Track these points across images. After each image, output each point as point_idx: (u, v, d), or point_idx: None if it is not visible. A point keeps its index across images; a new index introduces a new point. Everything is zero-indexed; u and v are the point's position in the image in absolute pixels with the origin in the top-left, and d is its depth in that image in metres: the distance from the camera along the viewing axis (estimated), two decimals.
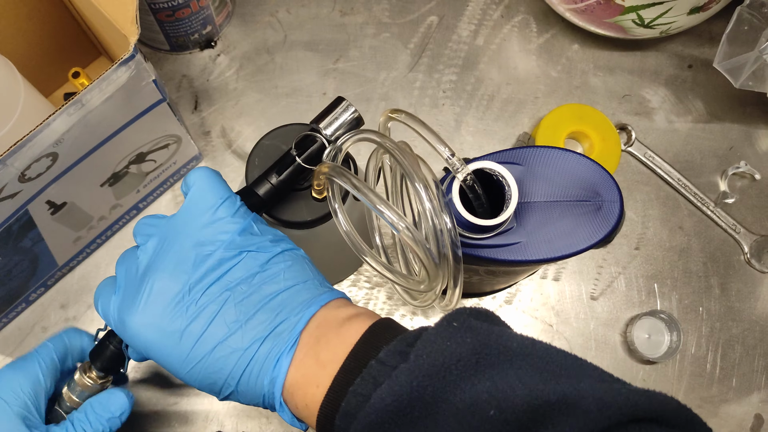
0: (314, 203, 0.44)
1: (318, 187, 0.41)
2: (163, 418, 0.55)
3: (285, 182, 0.41)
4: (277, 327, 0.34)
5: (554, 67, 0.66)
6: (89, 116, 0.42)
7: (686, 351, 0.59)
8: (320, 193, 0.42)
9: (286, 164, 0.41)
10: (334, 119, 0.41)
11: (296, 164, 0.41)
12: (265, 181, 0.41)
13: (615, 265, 0.61)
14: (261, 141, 0.45)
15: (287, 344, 0.34)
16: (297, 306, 0.35)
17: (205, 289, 0.34)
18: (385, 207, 0.34)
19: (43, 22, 0.55)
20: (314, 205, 0.44)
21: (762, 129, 0.65)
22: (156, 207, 0.60)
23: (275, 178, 0.41)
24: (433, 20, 0.67)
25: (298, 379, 0.33)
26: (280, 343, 0.34)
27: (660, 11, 0.57)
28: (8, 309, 0.55)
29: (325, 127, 0.41)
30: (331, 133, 0.41)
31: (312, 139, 0.41)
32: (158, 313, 0.34)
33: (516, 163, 0.44)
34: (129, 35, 0.41)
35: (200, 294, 0.34)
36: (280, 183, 0.41)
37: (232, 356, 0.33)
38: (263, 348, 0.34)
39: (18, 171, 0.41)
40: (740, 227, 0.61)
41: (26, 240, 0.48)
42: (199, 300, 0.34)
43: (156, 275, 0.35)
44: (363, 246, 0.38)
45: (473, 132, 0.64)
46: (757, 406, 0.58)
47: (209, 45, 0.65)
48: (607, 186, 0.43)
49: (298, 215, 0.44)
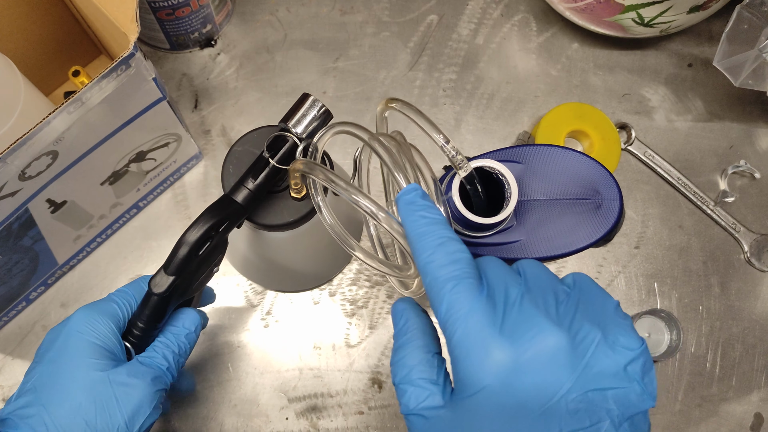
0: (294, 203, 0.43)
1: (296, 186, 0.41)
2: (164, 418, 0.55)
3: (262, 186, 0.41)
4: None
5: (554, 65, 0.66)
6: (89, 114, 0.42)
7: (686, 350, 0.59)
8: (299, 192, 0.42)
9: (261, 167, 0.41)
10: (303, 116, 0.41)
11: (271, 166, 0.41)
12: (242, 187, 0.40)
13: (615, 263, 0.61)
14: (233, 148, 0.45)
15: None
16: None
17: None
18: (361, 197, 0.33)
19: (43, 21, 0.55)
20: (294, 205, 0.43)
21: (762, 128, 0.65)
22: (156, 206, 0.60)
23: (252, 183, 0.40)
24: (433, 19, 0.67)
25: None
26: None
27: (660, 10, 0.57)
28: (9, 307, 0.55)
29: (294, 126, 0.41)
30: (301, 131, 0.41)
31: (283, 139, 0.41)
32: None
33: (516, 161, 0.44)
34: (129, 34, 0.41)
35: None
36: (257, 187, 0.41)
37: None
38: None
39: (18, 169, 0.41)
40: (740, 226, 0.61)
41: (26, 238, 0.49)
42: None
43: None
44: (349, 239, 0.38)
45: (473, 131, 0.64)
46: (757, 405, 0.58)
47: (209, 44, 0.65)
48: (606, 184, 0.43)
49: (279, 218, 0.43)
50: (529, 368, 0.27)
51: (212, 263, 0.42)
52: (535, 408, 0.27)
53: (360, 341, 0.57)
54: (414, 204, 0.32)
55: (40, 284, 0.56)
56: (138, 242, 0.59)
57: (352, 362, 0.57)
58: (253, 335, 0.57)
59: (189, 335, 0.42)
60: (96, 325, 0.39)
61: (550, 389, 0.27)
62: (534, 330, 0.28)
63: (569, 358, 0.28)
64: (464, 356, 0.28)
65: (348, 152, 0.62)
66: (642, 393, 0.28)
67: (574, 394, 0.27)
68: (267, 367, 0.57)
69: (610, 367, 0.28)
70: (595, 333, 0.28)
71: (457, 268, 0.30)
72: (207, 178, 0.61)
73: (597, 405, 0.27)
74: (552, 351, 0.28)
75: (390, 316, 0.58)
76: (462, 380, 0.29)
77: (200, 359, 0.57)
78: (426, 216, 0.32)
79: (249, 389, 0.56)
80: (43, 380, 0.38)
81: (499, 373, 0.28)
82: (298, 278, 0.58)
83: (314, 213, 0.44)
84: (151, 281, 0.39)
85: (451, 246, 0.30)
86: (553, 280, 0.31)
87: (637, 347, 0.28)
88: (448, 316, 0.29)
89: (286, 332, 0.58)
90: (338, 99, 0.64)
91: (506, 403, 0.28)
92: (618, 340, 0.28)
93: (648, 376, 0.29)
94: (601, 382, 0.28)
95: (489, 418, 0.28)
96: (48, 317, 0.57)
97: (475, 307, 0.29)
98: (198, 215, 0.39)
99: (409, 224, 0.32)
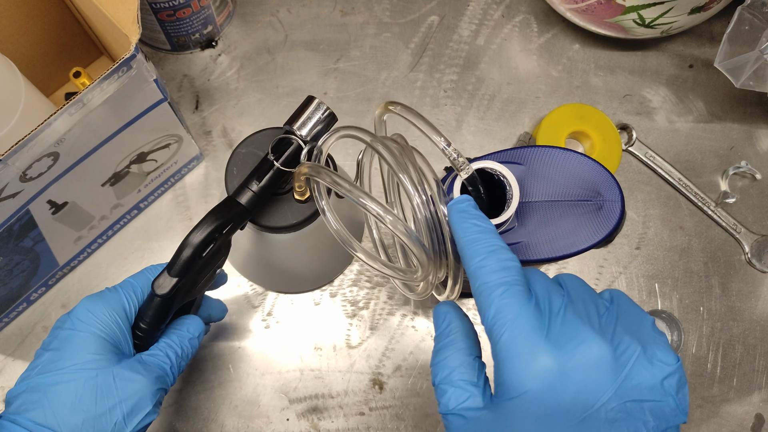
0: (297, 205, 0.43)
1: (299, 188, 0.41)
2: (164, 418, 0.55)
3: (266, 188, 0.41)
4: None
5: (555, 66, 0.66)
6: (90, 116, 0.42)
7: (687, 351, 0.59)
8: (302, 194, 0.42)
9: (265, 170, 0.41)
10: (308, 119, 0.41)
11: (275, 169, 0.40)
12: (246, 189, 0.40)
13: (616, 264, 0.61)
14: (236, 150, 0.44)
15: None
16: None
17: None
18: (368, 200, 0.34)
19: (44, 22, 0.55)
20: (297, 208, 0.44)
21: (763, 129, 0.65)
22: (157, 207, 0.60)
23: (256, 185, 0.40)
24: (433, 20, 0.67)
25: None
26: None
27: (661, 11, 0.57)
28: (9, 309, 0.55)
29: (299, 128, 0.41)
30: (306, 134, 0.41)
31: (288, 142, 0.41)
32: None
33: (517, 162, 0.44)
34: (130, 35, 0.41)
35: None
36: (261, 189, 0.40)
37: None
38: None
39: (19, 170, 0.41)
40: (741, 227, 0.61)
41: (27, 240, 0.48)
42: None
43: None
44: (354, 243, 0.38)
45: (474, 132, 0.64)
46: (757, 406, 0.58)
47: (210, 45, 0.65)
48: (608, 185, 0.43)
49: (282, 219, 0.43)
50: (573, 375, 0.28)
51: (215, 265, 0.42)
52: (576, 414, 0.28)
53: (361, 342, 0.57)
54: (466, 212, 0.34)
55: (41, 285, 0.56)
56: (139, 243, 0.59)
57: (353, 363, 0.57)
58: (254, 336, 0.57)
59: (192, 340, 0.43)
60: (101, 316, 0.39)
61: (591, 397, 0.28)
62: (579, 338, 0.29)
63: (611, 367, 0.28)
64: (509, 359, 0.29)
65: (349, 153, 0.62)
66: (676, 408, 0.29)
67: (613, 403, 0.28)
68: (268, 368, 0.57)
69: (648, 379, 0.29)
70: (635, 346, 0.29)
71: (508, 275, 0.31)
72: (208, 179, 0.61)
73: (635, 416, 0.28)
74: (596, 360, 0.28)
75: (390, 317, 0.58)
76: (505, 383, 0.29)
77: (201, 360, 0.57)
78: (478, 225, 0.33)
79: (250, 390, 0.56)
80: (47, 367, 0.38)
81: (544, 378, 0.28)
82: (300, 279, 0.58)
83: (317, 215, 0.44)
84: (155, 282, 0.39)
85: (502, 254, 0.32)
86: (593, 294, 0.32)
87: (673, 363, 0.29)
88: (496, 319, 0.30)
89: (287, 333, 0.58)
90: (339, 100, 0.64)
91: (548, 408, 0.28)
92: (656, 355, 0.29)
93: (682, 392, 0.30)
94: (640, 393, 0.28)
95: (530, 421, 0.28)
96: (49, 318, 0.57)
97: (522, 313, 0.30)
98: (202, 217, 0.39)
99: (462, 231, 0.33)
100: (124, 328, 0.40)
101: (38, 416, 0.36)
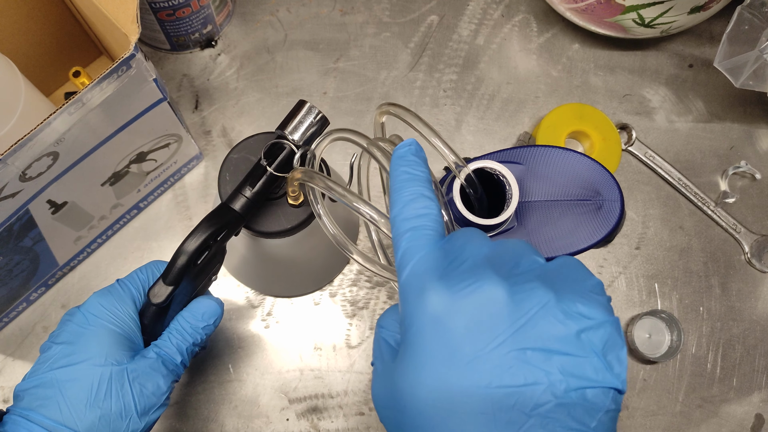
0: (291, 210, 0.43)
1: (293, 193, 0.41)
2: (164, 418, 0.55)
3: (259, 193, 0.41)
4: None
5: (555, 66, 0.66)
6: (90, 115, 0.42)
7: (687, 351, 0.59)
8: (296, 199, 0.42)
9: (258, 175, 0.41)
10: (300, 123, 0.41)
11: (268, 174, 0.40)
12: (240, 195, 0.40)
13: (615, 264, 0.61)
14: (229, 155, 0.44)
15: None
16: None
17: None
18: (362, 204, 0.34)
19: (43, 21, 0.55)
20: (291, 212, 0.43)
21: (762, 128, 0.65)
22: (157, 206, 0.60)
23: (249, 191, 0.40)
24: (433, 20, 0.67)
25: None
26: None
27: (660, 11, 0.57)
28: (9, 309, 0.55)
29: (291, 133, 0.41)
30: (298, 138, 0.41)
31: (280, 147, 0.41)
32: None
33: (517, 162, 0.44)
34: (130, 34, 0.41)
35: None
36: (255, 195, 0.40)
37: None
38: None
39: (19, 170, 0.41)
40: (741, 227, 0.61)
41: (27, 239, 0.48)
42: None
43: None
44: (351, 246, 0.38)
45: (474, 131, 0.64)
46: (757, 406, 0.58)
47: (210, 44, 0.65)
48: (607, 185, 0.43)
49: (276, 224, 0.43)
50: (461, 314, 0.27)
51: (210, 271, 0.42)
52: (466, 353, 0.26)
53: (361, 342, 0.57)
54: (403, 159, 0.32)
55: (41, 285, 0.56)
56: (138, 243, 0.59)
57: (352, 363, 0.57)
58: (253, 336, 0.57)
59: (207, 327, 0.42)
60: (114, 310, 0.39)
61: (482, 337, 0.26)
62: (473, 278, 0.27)
63: (506, 310, 0.26)
64: (403, 298, 0.29)
65: (348, 153, 0.62)
66: (603, 369, 0.26)
67: (508, 348, 0.26)
68: (268, 368, 0.57)
69: (558, 330, 0.26)
70: (545, 295, 0.27)
71: (418, 222, 0.30)
72: (207, 179, 0.61)
73: (534, 365, 0.26)
74: (487, 299, 0.27)
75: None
76: (402, 322, 0.29)
77: (201, 360, 0.57)
78: (408, 172, 0.32)
79: (250, 390, 0.56)
80: (60, 362, 0.38)
81: (430, 314, 0.27)
82: (297, 283, 0.57)
83: (312, 219, 0.44)
84: (150, 291, 0.39)
85: (420, 202, 0.31)
86: (532, 254, 0.30)
87: (597, 317, 0.27)
88: (401, 261, 0.30)
89: (287, 333, 0.58)
90: (339, 99, 0.64)
91: (435, 345, 0.27)
92: (574, 307, 0.27)
93: (612, 354, 0.27)
94: (545, 343, 0.26)
95: (420, 356, 0.27)
96: (48, 318, 0.57)
97: (425, 254, 0.29)
98: (201, 217, 0.39)
99: (393, 178, 0.32)
100: (137, 321, 0.40)
101: (53, 413, 0.36)
